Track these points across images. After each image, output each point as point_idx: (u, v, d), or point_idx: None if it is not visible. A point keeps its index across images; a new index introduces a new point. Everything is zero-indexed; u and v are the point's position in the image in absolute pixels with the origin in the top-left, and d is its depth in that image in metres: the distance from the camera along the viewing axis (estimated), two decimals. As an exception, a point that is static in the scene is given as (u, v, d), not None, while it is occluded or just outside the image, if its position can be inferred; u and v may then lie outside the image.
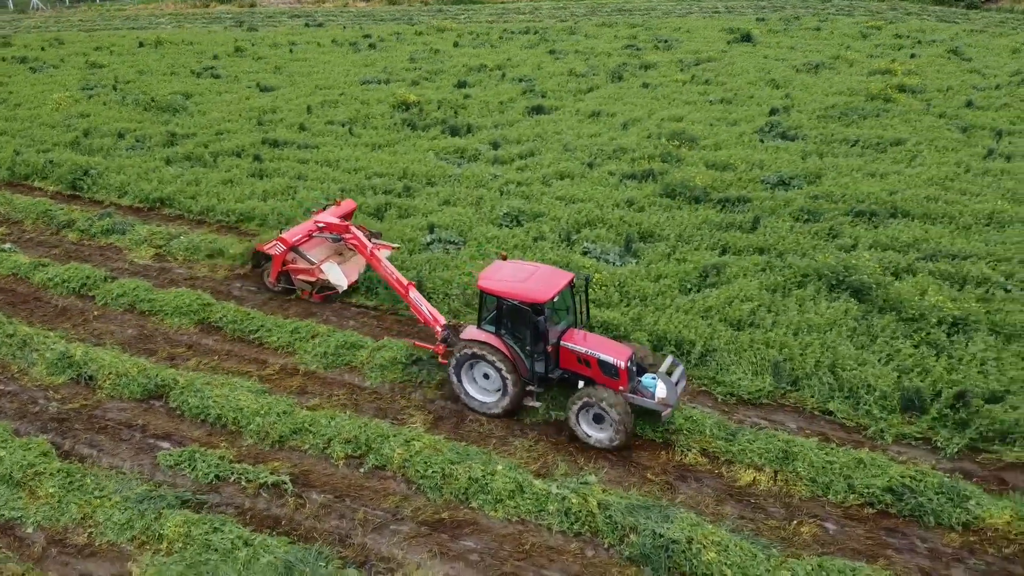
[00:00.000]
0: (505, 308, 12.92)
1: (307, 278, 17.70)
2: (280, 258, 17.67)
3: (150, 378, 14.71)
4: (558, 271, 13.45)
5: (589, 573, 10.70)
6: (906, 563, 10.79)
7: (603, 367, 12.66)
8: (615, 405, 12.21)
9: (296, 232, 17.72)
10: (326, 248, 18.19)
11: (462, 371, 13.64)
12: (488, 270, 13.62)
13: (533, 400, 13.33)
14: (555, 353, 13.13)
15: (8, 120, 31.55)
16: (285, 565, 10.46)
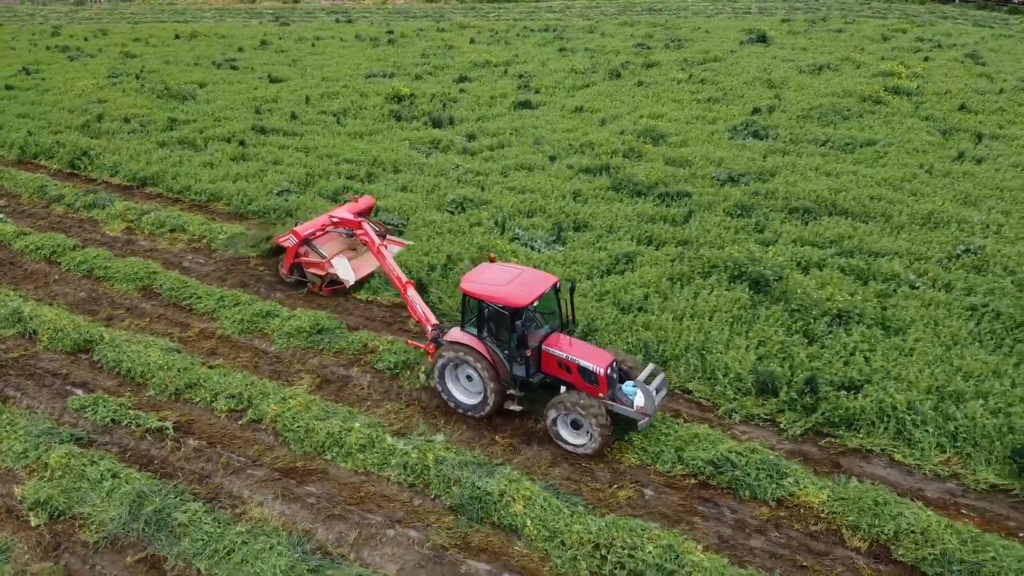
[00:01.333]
0: (486, 311, 12.88)
1: (317, 271, 18.06)
2: (293, 250, 18.08)
3: (81, 334, 16.25)
4: (542, 275, 13.27)
5: (410, 519, 11.66)
6: (708, 529, 11.42)
7: (583, 373, 12.50)
8: (593, 411, 12.09)
9: (309, 226, 18.11)
10: (340, 243, 18.59)
11: (446, 372, 13.63)
12: (472, 272, 13.59)
13: (515, 404, 13.21)
14: (537, 358, 13.01)
15: (34, 104, 34.06)
16: (138, 494, 11.73)
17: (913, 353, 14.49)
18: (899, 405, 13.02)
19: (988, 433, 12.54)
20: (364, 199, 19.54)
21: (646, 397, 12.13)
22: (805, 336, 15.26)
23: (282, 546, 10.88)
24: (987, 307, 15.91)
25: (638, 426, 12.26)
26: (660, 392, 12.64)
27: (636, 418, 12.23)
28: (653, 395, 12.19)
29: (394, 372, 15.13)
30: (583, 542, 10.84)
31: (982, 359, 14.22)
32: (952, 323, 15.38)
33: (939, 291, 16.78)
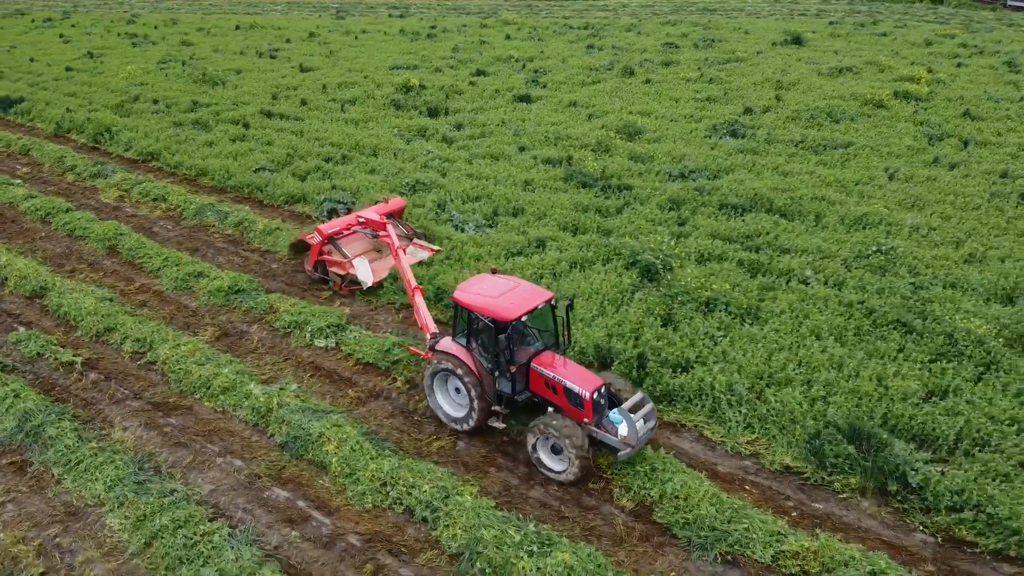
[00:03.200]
0: (474, 323, 12.58)
1: (338, 271, 18.14)
2: (317, 248, 18.24)
3: (39, 282, 18.59)
4: (537, 290, 12.76)
5: (241, 451, 13.21)
6: (498, 479, 12.47)
7: (569, 395, 12.03)
8: (572, 438, 11.56)
9: (334, 225, 18.28)
10: (365, 243, 18.67)
11: (434, 382, 13.42)
12: (467, 282, 13.34)
13: (498, 421, 12.88)
14: (525, 375, 12.60)
15: (84, 85, 37.54)
16: (26, 411, 13.72)
17: (762, 341, 15.00)
18: (718, 385, 13.66)
19: (795, 419, 13.06)
20: (395, 201, 19.62)
21: (630, 427, 11.59)
22: (663, 319, 15.94)
23: (122, 462, 12.60)
24: (863, 304, 16.17)
25: (618, 455, 11.70)
26: (648, 423, 12.08)
27: (619, 447, 11.66)
28: (637, 425, 11.69)
29: (287, 331, 16.71)
30: (373, 479, 12.11)
31: (830, 351, 14.61)
32: (820, 317, 15.75)
33: (829, 288, 17.08)
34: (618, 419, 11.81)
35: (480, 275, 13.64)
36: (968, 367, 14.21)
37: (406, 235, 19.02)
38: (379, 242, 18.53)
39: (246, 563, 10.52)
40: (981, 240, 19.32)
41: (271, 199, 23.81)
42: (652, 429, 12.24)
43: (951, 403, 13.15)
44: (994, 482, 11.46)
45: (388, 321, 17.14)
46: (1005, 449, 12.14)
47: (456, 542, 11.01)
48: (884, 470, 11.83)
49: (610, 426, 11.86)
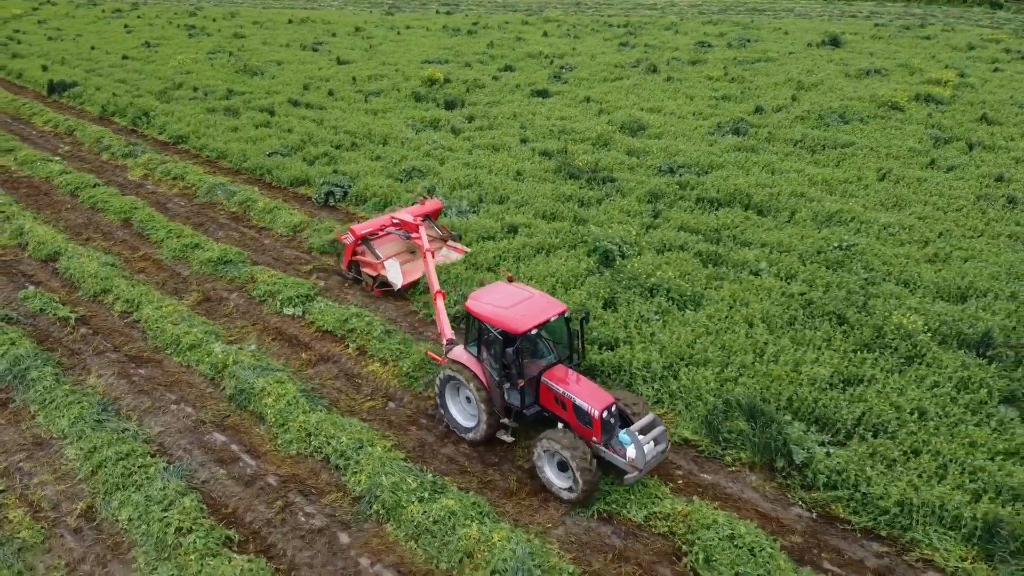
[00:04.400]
0: (485, 333, 12.31)
1: (370, 271, 18.24)
2: (351, 248, 18.36)
3: (55, 248, 20.48)
4: (551, 302, 12.40)
5: (194, 400, 14.61)
6: (417, 437, 13.49)
7: (578, 412, 11.66)
8: (577, 456, 11.17)
9: (367, 225, 18.37)
10: (398, 245, 18.70)
11: (446, 391, 13.25)
12: (481, 290, 13.10)
13: (506, 434, 12.64)
14: (535, 389, 12.31)
15: (135, 72, 40.10)
16: (17, 356, 15.42)
17: (693, 325, 15.63)
18: (636, 363, 14.39)
19: (701, 396, 13.70)
20: (431, 202, 19.58)
21: (638, 450, 11.23)
22: (606, 301, 16.70)
23: (88, 404, 14.13)
24: (804, 295, 16.61)
25: (624, 479, 11.42)
26: (659, 446, 11.64)
27: (627, 470, 11.40)
28: (646, 448, 11.32)
29: (262, 299, 18.10)
30: (300, 430, 13.33)
31: (756, 337, 15.15)
32: (757, 305, 16.27)
33: (779, 280, 17.55)
34: (627, 440, 11.46)
35: (495, 283, 13.31)
36: (891, 359, 14.55)
37: (440, 237, 19.08)
38: (413, 243, 18.49)
39: (171, 492, 11.83)
40: (951, 241, 19.39)
41: (278, 181, 25.38)
42: (662, 453, 11.72)
43: (860, 391, 13.56)
44: (878, 465, 11.92)
45: (355, 295, 18.34)
46: (899, 436, 12.54)
47: (360, 487, 12.11)
48: (772, 447, 12.40)
49: (619, 447, 11.51)
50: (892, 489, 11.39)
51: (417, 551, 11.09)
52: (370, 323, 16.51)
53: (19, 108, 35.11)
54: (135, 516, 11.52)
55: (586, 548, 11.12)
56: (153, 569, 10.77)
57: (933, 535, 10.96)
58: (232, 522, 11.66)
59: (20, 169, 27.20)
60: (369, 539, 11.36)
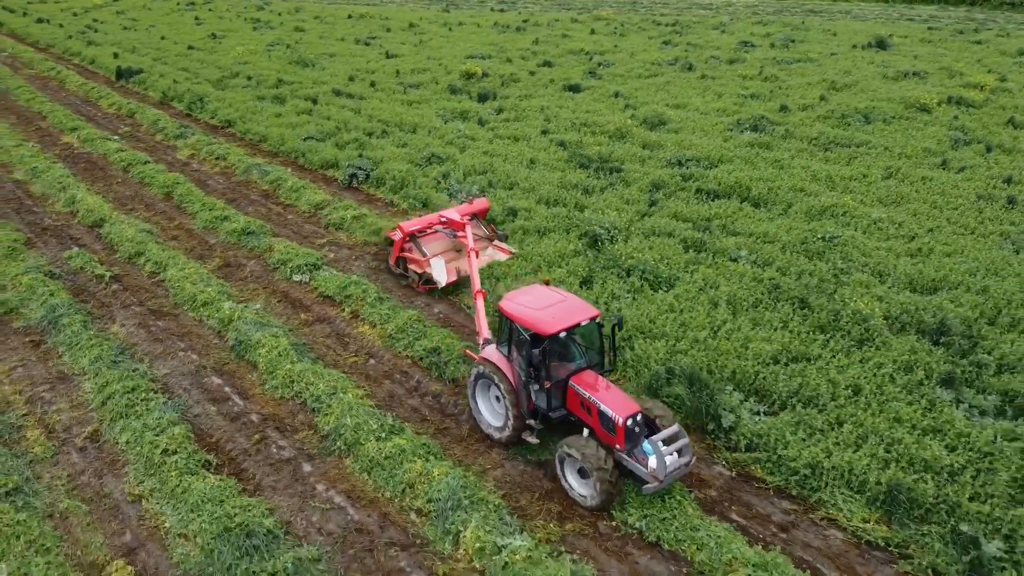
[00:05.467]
0: (515, 333, 12.43)
1: (416, 268, 18.47)
2: (398, 245, 18.65)
3: (100, 215, 22.69)
4: (583, 307, 12.34)
5: (200, 348, 16.35)
6: (389, 389, 14.92)
7: (603, 419, 11.64)
8: (599, 464, 11.19)
9: (416, 222, 18.71)
10: (445, 243, 18.99)
11: (477, 389, 13.42)
12: (515, 292, 13.16)
13: (532, 436, 12.69)
14: (562, 392, 12.35)
15: (197, 61, 42.77)
16: (54, 305, 17.48)
17: (659, 303, 16.61)
18: (596, 333, 15.48)
19: (649, 365, 14.69)
20: (479, 201, 19.98)
21: (659, 460, 11.13)
22: (583, 279, 17.82)
23: (107, 345, 16.01)
24: (772, 280, 17.39)
25: (643, 488, 11.41)
26: (683, 458, 11.53)
27: (648, 480, 11.37)
28: (668, 459, 11.26)
29: (275, 267, 19.82)
30: (286, 377, 14.90)
31: (716, 315, 16.05)
32: (726, 288, 17.13)
33: (755, 266, 18.34)
34: (650, 450, 11.38)
35: (531, 285, 13.38)
36: (842, 341, 15.25)
37: (487, 236, 19.46)
38: (460, 242, 18.72)
39: (165, 422, 13.51)
40: (938, 237, 19.77)
41: (309, 163, 27.21)
42: (687, 465, 11.58)
43: (802, 367, 14.35)
44: (799, 432, 12.76)
45: (359, 267, 19.88)
46: (828, 408, 13.34)
47: (328, 426, 13.59)
48: (704, 411, 13.36)
49: (642, 456, 11.47)
50: (805, 453, 12.24)
51: (368, 481, 12.49)
52: (365, 290, 18.02)
53: (88, 92, 38.08)
54: (132, 440, 13.25)
55: (517, 487, 12.33)
56: (140, 482, 12.45)
57: (839, 496, 11.78)
58: (213, 449, 13.28)
59: (81, 146, 29.78)
60: (328, 470, 12.81)
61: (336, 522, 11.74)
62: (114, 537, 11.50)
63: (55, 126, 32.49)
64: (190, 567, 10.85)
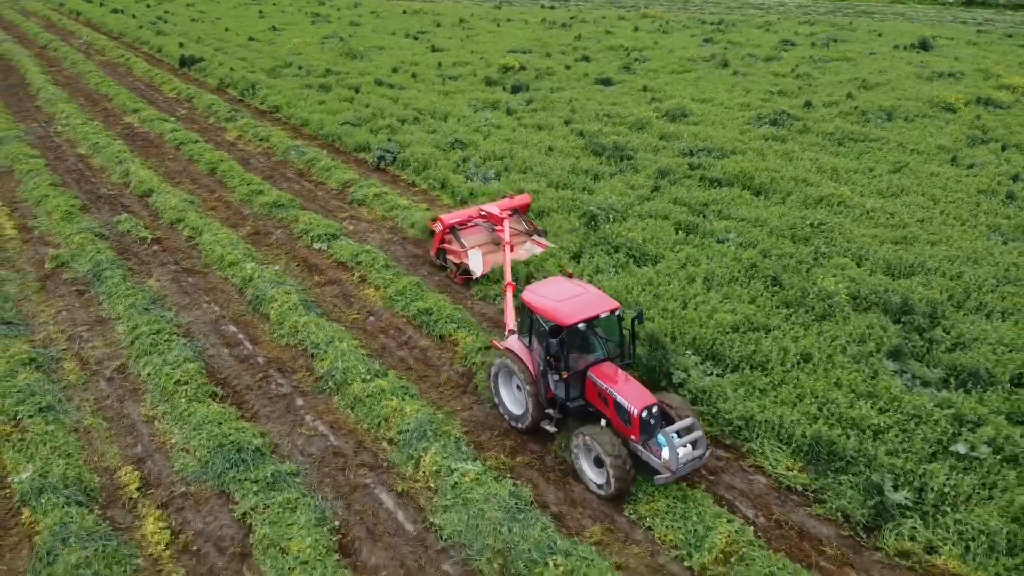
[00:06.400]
0: (536, 324, 12.74)
1: (454, 259, 19.01)
2: (439, 236, 19.17)
3: (150, 186, 24.98)
4: (603, 299, 12.56)
5: (221, 302, 18.25)
6: (383, 340, 16.56)
7: (619, 410, 11.81)
8: (612, 453, 11.37)
9: (456, 215, 19.29)
10: (484, 236, 19.39)
11: (499, 378, 13.71)
12: (538, 283, 13.46)
13: (550, 424, 12.92)
14: (580, 383, 12.59)
15: (255, 52, 45.39)
16: (99, 260, 19.66)
17: (640, 276, 17.82)
18: (574, 300, 16.78)
19: (622, 329, 15.93)
20: (520, 197, 20.37)
21: (671, 452, 11.28)
22: (573, 254, 19.14)
23: (142, 295, 18.04)
24: (750, 260, 18.40)
25: (655, 479, 11.58)
26: (696, 450, 11.69)
27: (660, 471, 11.54)
28: (680, 451, 11.45)
29: (299, 236, 21.67)
30: (292, 327, 16.66)
31: (690, 289, 17.17)
32: (705, 266, 18.23)
33: (739, 247, 19.35)
34: (664, 442, 11.56)
35: (554, 277, 13.79)
36: (805, 315, 16.22)
37: (526, 231, 19.82)
38: (498, 235, 19.05)
39: (181, 359, 15.39)
40: (927, 227, 20.40)
41: (344, 146, 29.13)
42: (701, 458, 11.71)
43: (759, 336, 15.40)
44: (740, 390, 13.87)
45: (375, 239, 21.58)
46: (775, 372, 14.38)
47: (322, 369, 15.27)
48: (658, 369, 14.55)
49: (656, 447, 11.65)
50: (740, 407, 13.35)
51: (350, 415, 14.12)
52: (375, 258, 19.69)
53: (153, 77, 40.97)
54: (152, 372, 15.17)
55: (480, 426, 13.79)
56: (154, 407, 14.34)
57: (767, 447, 12.87)
58: (221, 384, 15.10)
59: (141, 126, 32.39)
60: (317, 404, 14.49)
61: (317, 446, 13.39)
62: (127, 449, 13.38)
63: (119, 107, 35.28)
64: (187, 474, 12.63)
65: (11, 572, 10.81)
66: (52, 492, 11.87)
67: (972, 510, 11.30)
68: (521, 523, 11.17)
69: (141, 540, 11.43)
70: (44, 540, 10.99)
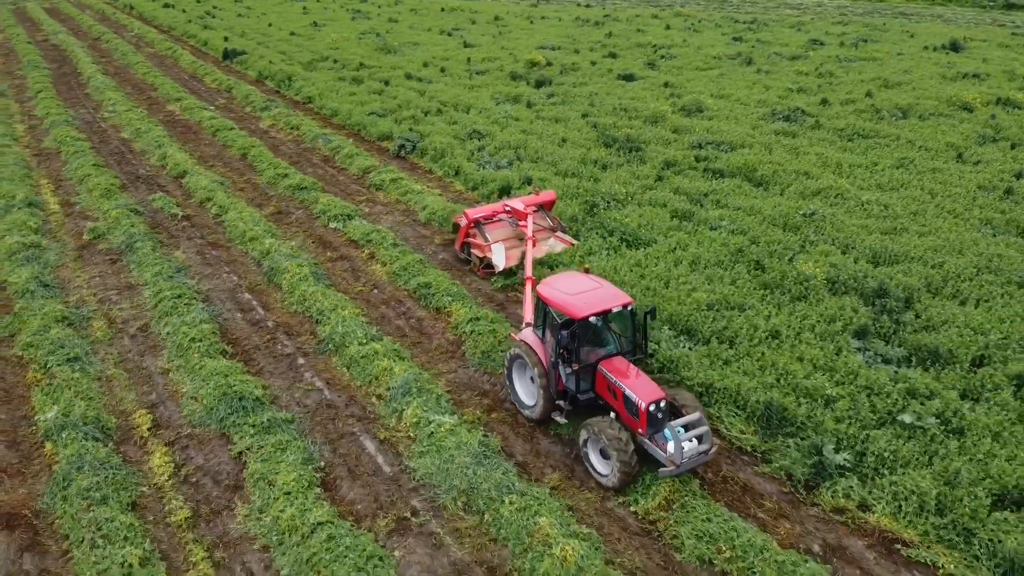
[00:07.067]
0: (549, 316, 13.04)
1: (478, 253, 19.41)
2: (464, 230, 19.59)
3: (184, 168, 26.71)
4: (616, 294, 12.81)
5: (240, 272, 19.71)
6: (384, 310, 17.83)
7: (627, 403, 12.02)
8: (619, 445, 11.59)
9: (481, 210, 19.63)
10: (508, 231, 19.69)
11: (514, 369, 14.00)
12: (553, 276, 13.79)
13: (560, 415, 13.23)
14: (591, 375, 12.86)
15: (295, 46, 47.24)
16: (132, 233, 21.33)
17: (630, 258, 18.78)
18: (563, 277, 17.82)
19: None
20: (545, 193, 20.69)
21: (675, 446, 11.42)
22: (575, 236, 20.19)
23: (168, 265, 19.60)
24: (736, 246, 19.22)
25: (659, 471, 11.78)
26: (702, 445, 11.77)
27: (665, 464, 11.73)
28: (685, 445, 11.53)
29: (317, 216, 23.09)
30: (301, 296, 18.03)
31: (674, 271, 18.08)
32: (693, 250, 19.10)
33: (729, 234, 20.17)
34: (670, 436, 11.70)
35: (570, 272, 14.12)
36: (781, 296, 17.03)
37: (550, 227, 20.18)
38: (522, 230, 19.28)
39: (198, 320, 16.84)
40: (919, 219, 20.93)
41: (369, 135, 30.57)
42: (706, 453, 11.80)
43: (733, 314, 16.26)
44: (705, 360, 14.77)
45: (387, 220, 22.89)
46: (742, 346, 15.24)
47: (325, 333, 16.58)
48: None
49: (662, 441, 11.82)
50: (702, 375, 14.27)
51: (346, 373, 15.40)
52: (384, 237, 20.97)
53: (197, 69, 43.04)
54: (171, 331, 16.64)
55: (463, 386, 14.94)
56: (170, 361, 15.80)
57: (724, 411, 13.77)
58: (232, 343, 16.51)
59: (182, 114, 34.31)
60: (317, 363, 15.81)
61: (313, 399, 14.69)
62: (143, 396, 14.85)
63: (163, 96, 37.32)
64: (194, 418, 14.03)
65: (31, 494, 12.28)
66: (73, 429, 13.33)
67: (907, 473, 12.05)
68: (486, 467, 12.28)
69: (147, 471, 12.84)
70: (62, 468, 12.45)
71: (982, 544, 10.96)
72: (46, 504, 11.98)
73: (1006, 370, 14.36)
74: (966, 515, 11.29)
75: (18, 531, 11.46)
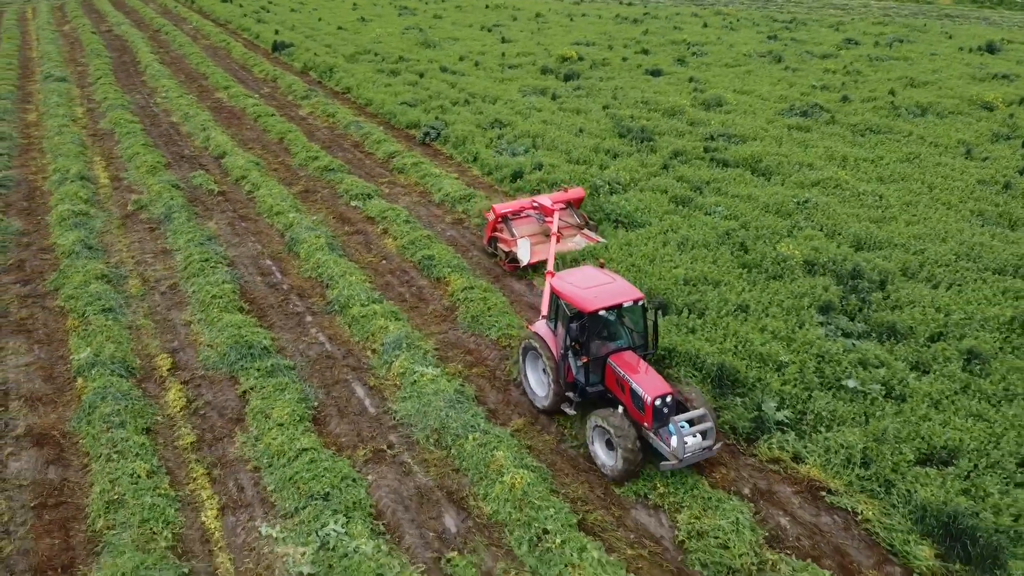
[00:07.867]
0: (561, 309, 13.25)
1: (504, 247, 19.72)
2: (491, 225, 19.92)
3: (224, 149, 28.78)
4: (628, 289, 12.95)
5: (263, 242, 21.51)
6: (389, 279, 19.42)
7: (634, 397, 12.24)
8: (623, 437, 11.80)
9: (509, 205, 20.06)
10: (535, 227, 20.06)
11: (527, 360, 14.27)
12: (568, 271, 13.92)
13: (570, 407, 13.46)
14: (600, 369, 13.08)
15: (340, 40, 49.34)
16: (171, 205, 23.35)
17: (622, 239, 20.00)
18: (555, 253, 19.15)
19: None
20: (574, 190, 21.04)
21: (678, 441, 11.66)
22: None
23: (201, 235, 21.50)
24: (724, 229, 20.25)
25: (661, 465, 11.95)
26: (706, 440, 11.99)
27: (668, 457, 11.96)
28: (688, 440, 11.79)
29: (340, 195, 24.82)
30: (315, 263, 19.73)
31: (662, 252, 19.24)
32: (684, 232, 20.22)
33: (723, 220, 21.21)
34: (672, 430, 11.95)
35: (584, 266, 14.31)
36: (758, 276, 18.06)
37: (578, 224, 20.61)
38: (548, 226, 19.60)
39: (220, 280, 18.65)
40: (911, 210, 21.63)
41: (398, 123, 32.26)
42: (709, 448, 12.01)
43: (707, 289, 17.35)
44: (673, 328, 15.93)
45: (404, 201, 24.49)
46: (710, 317, 16.35)
47: (332, 296, 18.24)
48: (610, 310, 16.75)
49: (666, 435, 12.01)
50: (665, 340, 15.43)
51: (347, 330, 17.01)
52: (398, 214, 22.56)
53: (247, 60, 45.44)
54: (196, 289, 18.49)
55: (450, 345, 16.42)
56: (193, 314, 17.63)
57: (681, 373, 14.91)
58: (249, 302, 18.28)
59: (228, 101, 36.57)
60: (323, 321, 17.46)
61: (315, 351, 16.33)
62: (166, 343, 16.68)
63: (212, 84, 39.70)
64: (208, 363, 15.79)
65: (61, 419, 14.14)
66: (101, 367, 15.18)
67: (841, 431, 13.07)
68: (457, 410, 13.72)
69: (163, 404, 14.62)
70: (88, 397, 14.29)
71: (900, 495, 11.94)
72: (72, 427, 13.82)
73: (960, 345, 15.18)
74: (888, 468, 12.28)
75: (47, 447, 13.32)
